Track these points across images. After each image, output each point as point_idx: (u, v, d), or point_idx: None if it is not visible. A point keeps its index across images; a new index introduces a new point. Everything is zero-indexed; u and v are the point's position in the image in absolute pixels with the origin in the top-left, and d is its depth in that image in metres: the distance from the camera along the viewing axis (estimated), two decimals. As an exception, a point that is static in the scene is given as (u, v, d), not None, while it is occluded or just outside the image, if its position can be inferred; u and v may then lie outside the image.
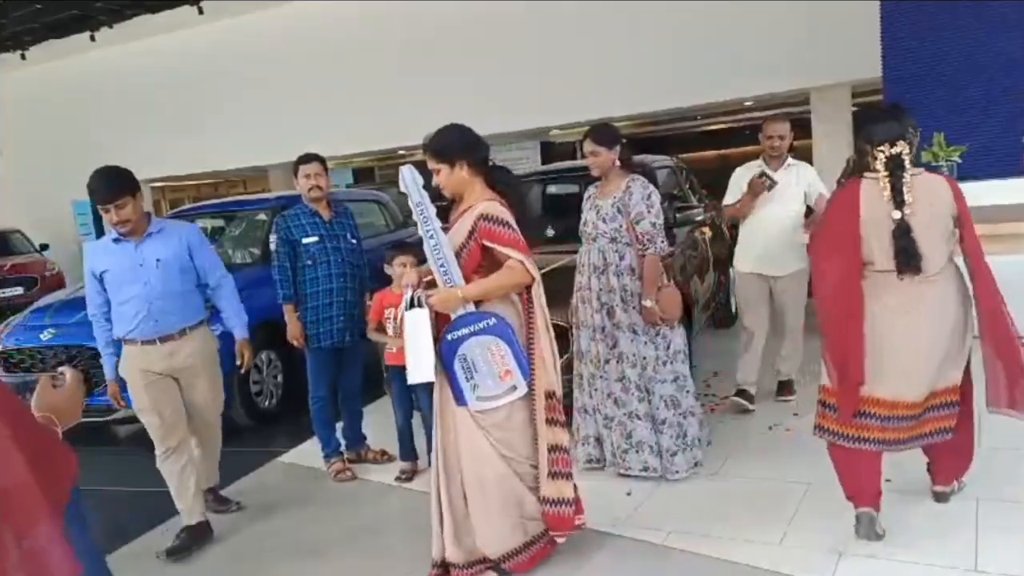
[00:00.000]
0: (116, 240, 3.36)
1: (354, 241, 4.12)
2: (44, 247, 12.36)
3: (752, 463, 3.67)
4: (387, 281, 6.45)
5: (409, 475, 3.95)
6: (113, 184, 3.23)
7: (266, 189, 15.74)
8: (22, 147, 14.40)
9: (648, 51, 11.15)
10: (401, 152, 16.93)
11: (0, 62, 12.93)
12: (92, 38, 11.42)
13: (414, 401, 3.94)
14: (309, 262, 3.93)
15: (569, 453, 2.83)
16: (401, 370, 3.81)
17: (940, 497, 3.05)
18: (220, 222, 6.29)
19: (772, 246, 4.26)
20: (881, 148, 2.68)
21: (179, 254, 3.40)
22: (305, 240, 3.93)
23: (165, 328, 3.35)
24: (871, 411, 2.74)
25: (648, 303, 3.45)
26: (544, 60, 11.48)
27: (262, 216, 5.83)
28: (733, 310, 6.72)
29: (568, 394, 3.76)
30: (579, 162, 5.92)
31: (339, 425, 4.28)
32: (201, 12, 10.80)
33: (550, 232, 5.11)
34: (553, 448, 2.75)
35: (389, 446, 4.26)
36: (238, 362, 3.66)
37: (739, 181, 4.40)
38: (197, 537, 3.44)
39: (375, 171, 19.33)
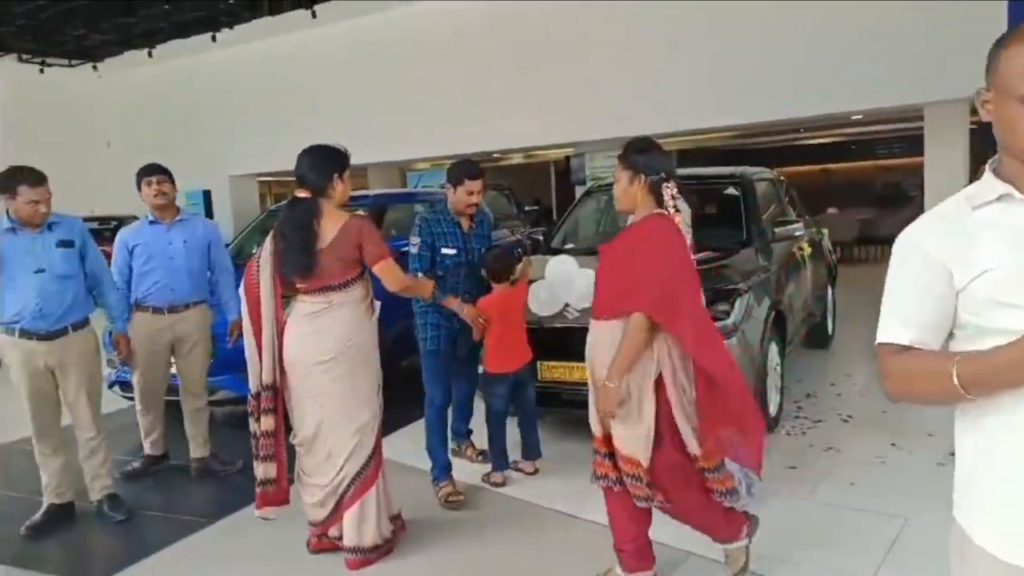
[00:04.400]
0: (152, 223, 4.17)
1: (484, 251, 4.05)
2: (158, 233, 13.13)
3: (846, 491, 3.51)
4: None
5: (499, 483, 3.90)
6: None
7: (364, 187, 16.23)
8: (143, 139, 15.38)
9: (751, 59, 10.86)
10: (495, 155, 17.13)
11: (127, 59, 13.87)
12: (213, 38, 12.09)
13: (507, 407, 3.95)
14: (440, 272, 3.75)
15: (276, 438, 3.05)
16: (502, 378, 3.83)
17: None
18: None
19: None
20: (668, 185, 2.57)
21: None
22: (444, 250, 3.77)
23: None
24: None
25: None
26: (640, 67, 11.36)
27: (360, 213, 5.99)
28: (830, 330, 6.48)
29: None
30: (706, 170, 5.85)
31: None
32: (314, 16, 11.28)
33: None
34: (264, 434, 3.05)
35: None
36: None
37: (924, 274, 1.36)
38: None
39: (468, 173, 19.60)
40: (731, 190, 4.98)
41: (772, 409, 4.35)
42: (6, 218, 3.51)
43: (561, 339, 4.16)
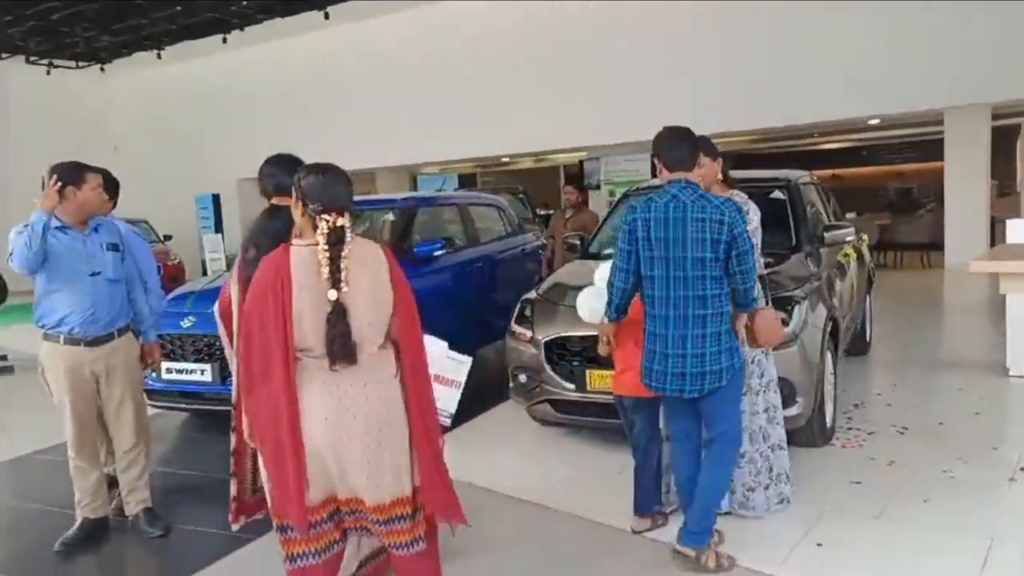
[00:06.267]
0: None
1: None
2: (167, 238, 12.95)
3: (920, 508, 3.36)
4: (519, 284, 6.28)
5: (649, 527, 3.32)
6: None
7: (371, 191, 16.09)
8: (151, 143, 15.24)
9: (768, 64, 10.76)
10: (504, 159, 17.02)
11: (135, 60, 13.73)
12: (224, 40, 11.96)
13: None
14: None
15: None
16: (646, 403, 3.26)
17: None
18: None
19: None
20: (327, 217, 2.21)
21: None
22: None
23: None
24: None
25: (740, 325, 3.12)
26: (660, 72, 11.25)
27: (390, 216, 5.85)
28: (868, 337, 6.34)
29: None
30: (752, 173, 5.56)
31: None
32: (327, 17, 11.16)
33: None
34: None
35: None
36: None
37: None
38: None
39: (476, 177, 19.50)
40: (778, 194, 4.83)
41: (828, 420, 4.21)
42: (53, 218, 3.36)
43: (611, 348, 4.03)
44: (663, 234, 2.90)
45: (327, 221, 2.19)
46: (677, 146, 3.02)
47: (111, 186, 3.90)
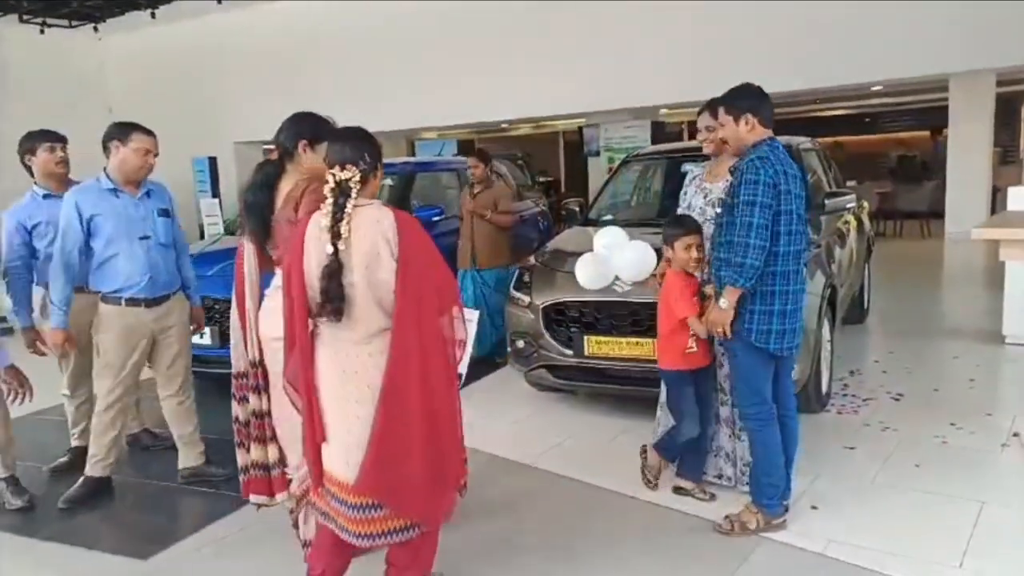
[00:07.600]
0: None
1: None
2: (165, 201, 12.88)
3: (912, 473, 3.40)
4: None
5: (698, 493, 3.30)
6: None
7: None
8: (146, 105, 15.06)
9: (770, 28, 10.58)
10: (504, 125, 16.86)
11: (128, 20, 13.50)
12: (219, 0, 11.76)
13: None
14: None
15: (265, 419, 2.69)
16: (694, 374, 3.21)
17: None
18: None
19: None
20: (332, 172, 2.22)
21: None
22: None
23: None
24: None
25: None
26: (657, 35, 11.08)
27: (388, 181, 5.82)
28: (865, 305, 6.35)
29: None
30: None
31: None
32: (324, -23, 10.95)
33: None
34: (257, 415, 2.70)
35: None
36: None
37: None
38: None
39: (475, 143, 19.36)
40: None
41: (824, 387, 4.24)
42: (105, 178, 3.41)
43: (609, 314, 4.05)
44: (791, 187, 2.83)
45: (332, 175, 2.22)
46: (769, 104, 2.95)
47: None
